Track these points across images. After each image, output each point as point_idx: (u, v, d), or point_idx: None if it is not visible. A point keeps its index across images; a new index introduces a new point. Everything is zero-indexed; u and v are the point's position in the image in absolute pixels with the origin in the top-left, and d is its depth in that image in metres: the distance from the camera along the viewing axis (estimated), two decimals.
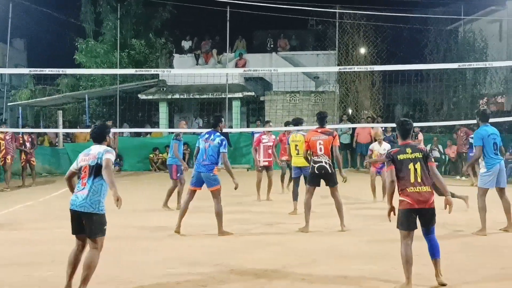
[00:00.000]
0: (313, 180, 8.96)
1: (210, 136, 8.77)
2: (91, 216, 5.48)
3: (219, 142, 8.62)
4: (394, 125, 18.63)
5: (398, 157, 5.91)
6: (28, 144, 16.82)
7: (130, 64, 26.87)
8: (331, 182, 8.85)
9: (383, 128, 19.27)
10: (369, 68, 18.65)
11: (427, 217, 5.88)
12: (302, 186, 9.95)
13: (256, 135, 13.79)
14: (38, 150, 20.71)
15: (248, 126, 24.31)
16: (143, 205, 11.85)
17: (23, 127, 22.12)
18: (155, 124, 25.15)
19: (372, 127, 19.74)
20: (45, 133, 22.74)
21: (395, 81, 21.85)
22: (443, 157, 19.51)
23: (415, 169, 5.83)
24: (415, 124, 17.34)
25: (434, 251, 5.96)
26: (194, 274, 6.40)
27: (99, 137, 5.90)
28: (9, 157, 15.82)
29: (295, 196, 10.68)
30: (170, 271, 6.54)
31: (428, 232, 5.95)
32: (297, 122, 11.87)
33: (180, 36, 28.46)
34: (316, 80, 24.63)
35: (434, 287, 5.88)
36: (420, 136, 18.79)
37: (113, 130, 18.94)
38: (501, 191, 8.71)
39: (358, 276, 6.28)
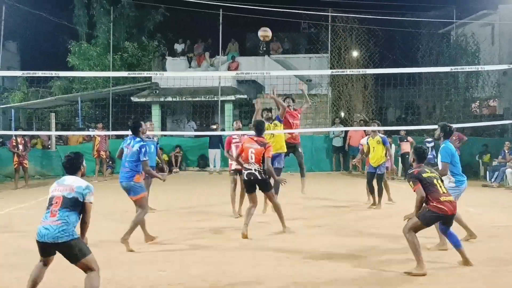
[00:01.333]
0: (246, 187, 9.13)
1: (130, 142, 8.20)
2: (65, 245, 5.26)
3: (138, 149, 8.03)
4: (386, 128, 18.80)
5: (423, 175, 6.68)
6: (20, 147, 16.80)
7: (123, 67, 26.85)
8: (264, 188, 8.88)
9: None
10: (362, 71, 18.75)
11: (451, 220, 6.83)
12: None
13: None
14: (31, 152, 20.64)
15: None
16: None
17: (15, 129, 22.05)
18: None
19: (365, 130, 19.84)
20: (38, 136, 22.64)
21: (388, 84, 21.97)
22: (436, 160, 19.55)
23: (440, 184, 6.73)
24: (403, 128, 17.46)
25: (457, 241, 6.86)
26: (186, 276, 6.42)
27: (72, 167, 5.71)
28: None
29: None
30: (161, 274, 6.56)
31: (448, 229, 6.88)
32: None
33: (172, 39, 28.48)
34: (309, 83, 24.67)
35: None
36: (410, 139, 18.90)
37: (104, 132, 19.03)
38: None
39: (350, 279, 6.31)
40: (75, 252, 5.28)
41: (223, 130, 21.51)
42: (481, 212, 10.97)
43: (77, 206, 5.39)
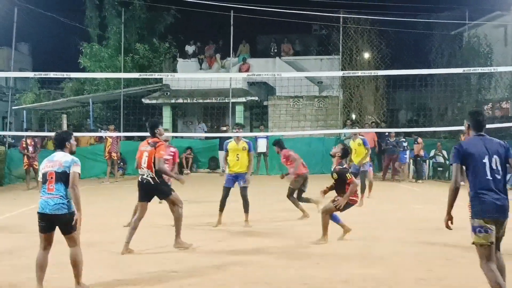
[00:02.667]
0: (139, 195, 7.92)
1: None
2: (63, 218, 5.78)
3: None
4: (397, 130, 18.72)
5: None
6: (30, 148, 16.83)
7: (134, 69, 26.96)
8: (161, 194, 7.95)
9: (387, 134, 19.29)
10: (373, 73, 18.63)
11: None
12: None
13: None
14: (42, 153, 20.76)
15: (251, 131, 24.30)
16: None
17: (26, 131, 22.15)
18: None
19: (377, 132, 19.76)
20: (50, 137, 22.78)
21: (399, 86, 21.85)
22: (447, 162, 19.46)
23: None
24: (415, 130, 17.35)
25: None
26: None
27: (59, 143, 6.11)
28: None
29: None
30: (172, 274, 6.55)
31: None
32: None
33: (184, 40, 28.55)
34: (320, 85, 24.62)
35: None
36: (420, 140, 18.84)
37: (116, 134, 19.06)
38: None
39: (359, 280, 6.26)
40: (69, 225, 5.80)
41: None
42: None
43: (68, 179, 5.83)
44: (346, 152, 8.41)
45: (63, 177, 5.84)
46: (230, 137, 11.06)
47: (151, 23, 29.96)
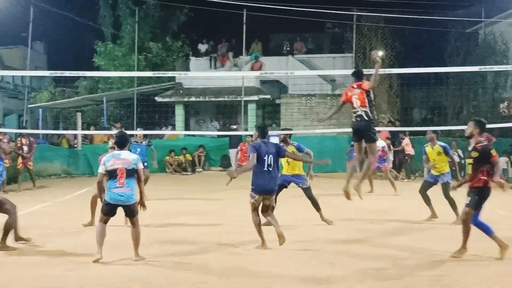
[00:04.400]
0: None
1: None
2: (132, 205, 7.13)
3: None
4: (411, 129, 18.56)
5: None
6: (25, 148, 16.23)
7: (147, 67, 27.05)
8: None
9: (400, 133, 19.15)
10: (387, 71, 18.44)
11: None
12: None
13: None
14: (57, 151, 20.95)
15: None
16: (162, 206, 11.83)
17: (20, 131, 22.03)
18: (172, 127, 25.25)
19: (390, 131, 19.60)
20: (64, 135, 22.96)
21: (414, 84, 21.69)
22: (463, 161, 19.28)
23: None
24: (430, 128, 17.21)
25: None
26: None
27: (123, 143, 7.39)
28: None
29: None
30: (186, 272, 6.54)
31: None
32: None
33: (196, 39, 28.57)
34: (333, 83, 24.49)
35: None
36: (406, 140, 18.84)
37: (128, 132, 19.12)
38: None
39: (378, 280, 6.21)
40: (135, 210, 7.16)
41: (246, 130, 21.47)
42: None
43: (134, 174, 7.15)
44: (482, 124, 7.53)
45: (132, 173, 7.09)
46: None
47: (164, 21, 30.04)
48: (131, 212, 7.18)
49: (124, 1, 28.63)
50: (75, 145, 22.11)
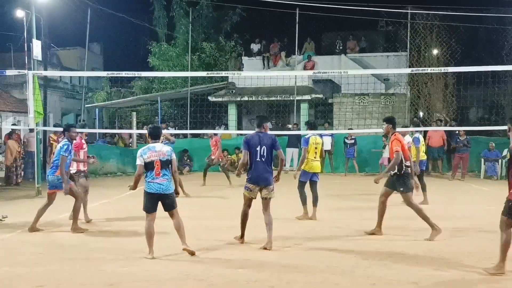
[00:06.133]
0: None
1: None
2: (172, 195, 7.43)
3: (61, 146, 9.15)
4: (467, 128, 18.15)
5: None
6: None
7: (200, 67, 27.44)
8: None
9: (457, 132, 18.74)
10: (443, 69, 18.09)
11: None
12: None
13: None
14: (112, 150, 21.50)
15: (316, 129, 24.16)
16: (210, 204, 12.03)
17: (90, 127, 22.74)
18: (225, 126, 25.53)
19: (445, 130, 19.23)
20: (120, 134, 23.55)
21: (470, 83, 21.12)
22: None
23: None
24: (487, 128, 16.65)
25: None
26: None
27: (157, 135, 7.65)
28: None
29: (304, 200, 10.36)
30: (238, 271, 6.64)
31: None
32: (312, 125, 11.50)
33: (249, 38, 28.76)
34: (386, 82, 24.19)
35: None
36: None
37: (182, 131, 19.45)
38: None
39: (432, 282, 6.14)
40: (173, 202, 7.42)
41: (299, 129, 21.48)
42: None
43: (169, 165, 7.41)
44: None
45: (167, 164, 7.36)
46: (299, 135, 11.13)
47: (217, 22, 30.40)
48: (170, 204, 7.38)
49: (178, 2, 29.12)
50: (131, 144, 22.66)
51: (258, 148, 7.77)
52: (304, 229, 9.28)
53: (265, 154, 7.82)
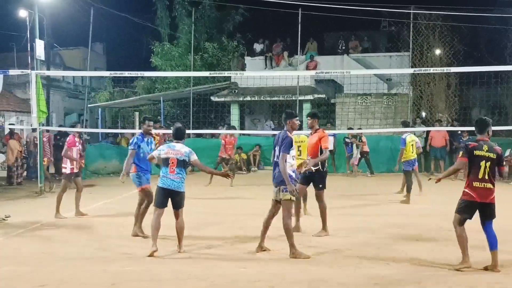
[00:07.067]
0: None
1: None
2: (181, 194, 7.56)
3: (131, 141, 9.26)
4: (470, 128, 18.11)
5: (475, 152, 6.60)
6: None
7: (203, 67, 27.44)
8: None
9: (459, 132, 18.70)
10: (446, 69, 18.08)
11: (487, 211, 6.60)
12: None
13: None
14: (115, 150, 21.54)
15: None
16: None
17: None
18: (227, 126, 25.51)
19: (448, 131, 19.19)
20: (123, 134, 23.56)
21: (473, 83, 21.08)
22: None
23: (485, 167, 6.53)
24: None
25: (492, 242, 6.54)
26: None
27: (180, 136, 7.87)
28: (45, 159, 15.61)
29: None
30: (241, 271, 6.65)
31: (485, 224, 6.65)
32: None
33: (252, 38, 28.76)
34: (389, 82, 24.17)
35: None
36: (364, 138, 18.95)
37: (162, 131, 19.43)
38: None
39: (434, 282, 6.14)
40: (182, 200, 7.59)
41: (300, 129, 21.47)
42: None
43: (185, 165, 7.62)
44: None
45: (183, 164, 7.56)
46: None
47: (220, 22, 30.39)
48: (178, 201, 7.56)
49: (181, 2, 29.13)
50: None
51: (276, 148, 7.52)
52: (306, 229, 9.27)
53: (278, 154, 7.38)
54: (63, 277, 6.40)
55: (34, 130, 15.83)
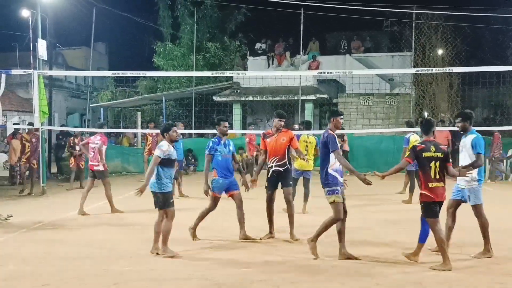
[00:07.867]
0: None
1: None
2: (155, 194, 7.37)
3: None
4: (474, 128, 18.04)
5: (424, 154, 6.72)
6: (77, 147, 15.91)
7: (205, 67, 27.45)
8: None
9: (461, 132, 18.64)
10: (448, 69, 18.06)
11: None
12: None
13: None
14: (117, 149, 21.54)
15: (320, 128, 24.18)
16: None
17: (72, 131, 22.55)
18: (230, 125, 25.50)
19: (450, 131, 19.16)
20: (124, 133, 23.57)
21: (475, 83, 21.05)
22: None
23: (436, 167, 6.70)
24: (492, 128, 16.70)
25: (423, 237, 6.92)
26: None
27: (163, 133, 7.63)
28: (34, 161, 15.30)
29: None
30: (245, 271, 6.66)
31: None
32: (308, 125, 12.16)
33: (254, 38, 28.77)
34: (391, 82, 24.15)
35: None
36: (345, 137, 18.61)
37: (182, 130, 19.44)
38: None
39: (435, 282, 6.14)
40: (157, 201, 7.39)
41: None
42: None
43: (162, 164, 7.36)
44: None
45: (161, 162, 7.31)
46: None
47: (222, 22, 30.40)
48: (154, 202, 7.50)
49: (183, 2, 29.13)
50: (135, 144, 22.67)
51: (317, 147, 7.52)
52: (307, 229, 9.26)
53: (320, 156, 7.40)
54: (66, 276, 6.41)
55: (36, 129, 15.80)
